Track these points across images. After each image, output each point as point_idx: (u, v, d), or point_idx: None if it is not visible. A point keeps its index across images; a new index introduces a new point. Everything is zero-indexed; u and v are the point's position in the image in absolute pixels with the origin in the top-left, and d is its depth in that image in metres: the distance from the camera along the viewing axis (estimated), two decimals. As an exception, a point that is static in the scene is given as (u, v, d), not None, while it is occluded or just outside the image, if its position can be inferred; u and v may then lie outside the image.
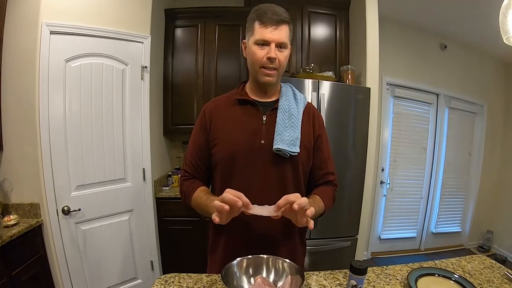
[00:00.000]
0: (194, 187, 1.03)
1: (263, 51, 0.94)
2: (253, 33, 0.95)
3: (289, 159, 0.98)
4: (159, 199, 2.43)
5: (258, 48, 0.95)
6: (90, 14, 1.92)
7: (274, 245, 0.99)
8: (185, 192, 1.05)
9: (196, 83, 2.63)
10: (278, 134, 0.97)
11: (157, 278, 0.95)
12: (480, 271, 1.05)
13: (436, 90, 3.49)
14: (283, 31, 0.94)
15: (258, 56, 0.95)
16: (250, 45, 0.97)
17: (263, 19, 0.93)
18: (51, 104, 1.81)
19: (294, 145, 0.97)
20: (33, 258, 1.72)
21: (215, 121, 1.03)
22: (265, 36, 0.93)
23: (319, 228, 2.22)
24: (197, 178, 1.08)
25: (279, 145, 0.95)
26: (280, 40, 0.93)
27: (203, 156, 1.06)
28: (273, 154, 0.97)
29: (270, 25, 0.92)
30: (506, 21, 1.08)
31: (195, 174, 1.08)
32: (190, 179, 1.08)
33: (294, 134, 0.98)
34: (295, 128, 0.99)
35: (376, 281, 0.96)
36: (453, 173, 3.74)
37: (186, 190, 1.04)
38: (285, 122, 0.99)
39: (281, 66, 0.98)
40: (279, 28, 0.93)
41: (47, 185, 1.81)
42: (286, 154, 0.96)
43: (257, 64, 0.96)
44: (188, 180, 1.08)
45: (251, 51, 0.97)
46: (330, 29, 2.65)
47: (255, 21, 0.95)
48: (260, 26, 0.93)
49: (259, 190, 0.95)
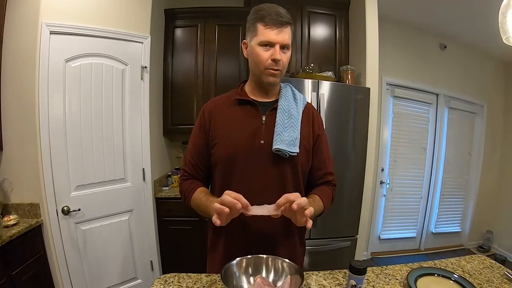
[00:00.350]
0: (193, 188, 1.03)
1: (267, 53, 0.94)
2: (257, 34, 0.95)
3: (289, 159, 0.98)
4: (159, 199, 2.42)
5: (263, 50, 0.95)
6: (90, 14, 1.92)
7: (274, 245, 1.00)
8: (185, 193, 1.05)
9: (196, 83, 2.63)
10: (277, 134, 0.97)
11: (156, 278, 0.95)
12: (480, 271, 1.05)
13: (436, 90, 3.49)
14: (287, 32, 0.95)
15: (263, 57, 0.95)
16: (254, 46, 0.96)
17: (268, 20, 0.92)
18: (51, 104, 1.81)
19: (293, 145, 0.97)
20: (33, 258, 1.72)
21: (214, 121, 1.03)
22: (270, 38, 0.93)
23: (319, 228, 2.22)
24: (197, 178, 1.08)
25: (279, 145, 0.95)
26: (284, 42, 0.94)
27: (202, 156, 1.06)
28: (273, 154, 0.97)
29: (275, 27, 0.92)
30: (506, 21, 1.08)
31: (194, 174, 1.08)
32: (190, 179, 1.08)
33: (294, 134, 0.98)
34: (294, 128, 0.99)
35: (376, 281, 0.96)
36: (453, 173, 3.74)
37: (186, 190, 1.05)
38: (284, 122, 0.99)
39: (284, 67, 0.98)
40: (283, 29, 0.93)
41: (47, 185, 1.81)
42: (285, 154, 0.96)
43: (261, 65, 0.96)
44: (187, 180, 1.08)
45: (254, 52, 0.96)
46: (329, 29, 2.65)
47: (259, 22, 0.94)
48: (265, 28, 0.93)
49: (258, 190, 0.96)
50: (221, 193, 0.80)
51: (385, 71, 3.08)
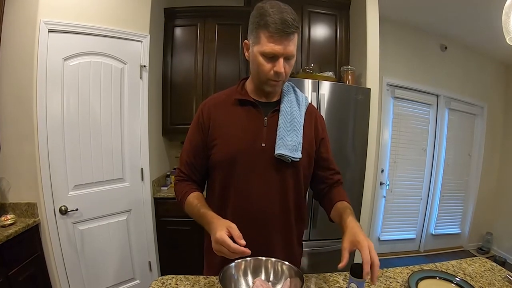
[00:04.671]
0: (187, 191, 1.01)
1: (270, 64, 0.88)
2: (260, 42, 0.87)
3: (291, 164, 0.95)
4: (157, 199, 2.41)
5: (266, 61, 0.88)
6: (88, 12, 1.91)
7: (272, 248, 0.97)
8: (179, 195, 1.05)
9: (195, 83, 2.62)
10: (280, 138, 0.94)
11: (154, 280, 0.93)
12: (481, 274, 1.04)
13: (436, 91, 3.48)
14: (292, 43, 0.87)
15: (265, 69, 0.89)
16: (256, 54, 0.89)
17: (272, 30, 0.83)
18: (49, 103, 1.79)
19: (296, 150, 0.94)
20: (30, 258, 1.70)
21: (214, 120, 0.99)
22: (274, 50, 0.85)
23: (319, 229, 2.21)
24: (192, 179, 1.06)
25: (281, 151, 0.92)
26: (289, 54, 0.87)
27: (199, 156, 1.03)
28: (274, 158, 0.94)
29: (280, 38, 0.84)
30: (509, 21, 1.07)
31: (190, 174, 1.05)
32: (185, 180, 1.06)
33: (297, 139, 0.95)
34: (297, 132, 0.96)
35: (377, 283, 0.95)
36: (453, 175, 3.73)
37: (180, 193, 1.04)
38: (286, 125, 0.96)
39: (286, 76, 0.93)
40: (289, 40, 0.85)
41: (45, 184, 1.80)
42: (288, 159, 0.94)
43: (263, 76, 0.91)
44: (182, 182, 1.06)
45: (257, 61, 0.89)
46: (330, 29, 2.64)
47: (262, 30, 0.85)
48: (269, 38, 0.85)
49: (258, 194, 0.94)
50: (221, 197, 0.77)
51: (386, 71, 3.07)
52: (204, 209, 0.91)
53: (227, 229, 0.77)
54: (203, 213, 0.89)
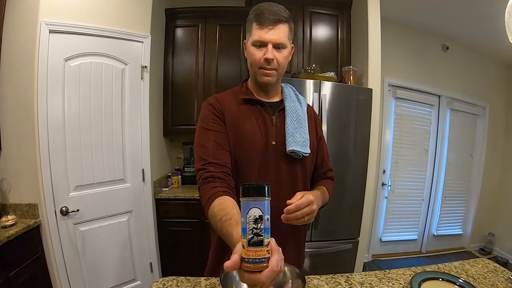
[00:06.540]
0: (211, 196, 0.83)
1: (260, 52, 0.93)
2: (251, 33, 0.94)
3: (299, 160, 1.00)
4: (159, 200, 2.41)
5: (256, 49, 0.93)
6: (89, 13, 1.91)
7: (283, 248, 0.95)
8: (202, 201, 0.87)
9: (196, 83, 2.62)
10: (290, 135, 0.97)
11: (154, 282, 0.93)
12: (484, 275, 1.03)
13: (438, 92, 3.47)
14: (280, 30, 0.91)
15: (255, 57, 0.94)
16: (249, 46, 0.96)
17: (260, 19, 0.91)
18: (49, 104, 1.79)
19: (305, 146, 0.99)
20: (31, 259, 1.70)
21: (227, 116, 0.97)
22: (262, 37, 0.91)
23: (320, 230, 2.20)
24: (217, 176, 0.88)
25: (293, 147, 0.95)
26: (277, 41, 0.91)
27: (227, 141, 0.94)
28: (285, 156, 0.97)
29: (267, 25, 0.90)
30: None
31: (218, 162, 0.90)
32: (210, 181, 0.87)
33: (305, 136, 1.00)
34: (304, 129, 1.01)
35: (379, 285, 0.94)
36: (455, 175, 3.72)
37: (204, 199, 0.86)
38: (294, 123, 1.00)
39: (280, 66, 0.96)
40: (276, 28, 0.91)
41: (46, 185, 1.80)
42: (299, 155, 0.97)
43: (255, 65, 0.95)
44: (206, 185, 0.87)
45: (249, 52, 0.96)
46: (331, 30, 2.64)
47: (253, 21, 0.93)
48: (257, 27, 0.92)
49: (272, 191, 0.93)
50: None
51: (387, 72, 3.06)
52: (228, 229, 0.70)
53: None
54: (226, 234, 0.72)
